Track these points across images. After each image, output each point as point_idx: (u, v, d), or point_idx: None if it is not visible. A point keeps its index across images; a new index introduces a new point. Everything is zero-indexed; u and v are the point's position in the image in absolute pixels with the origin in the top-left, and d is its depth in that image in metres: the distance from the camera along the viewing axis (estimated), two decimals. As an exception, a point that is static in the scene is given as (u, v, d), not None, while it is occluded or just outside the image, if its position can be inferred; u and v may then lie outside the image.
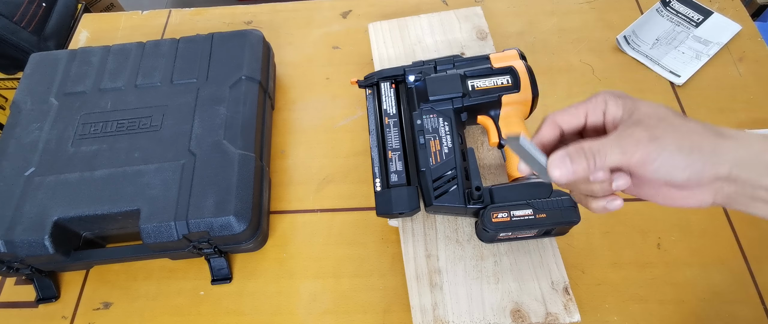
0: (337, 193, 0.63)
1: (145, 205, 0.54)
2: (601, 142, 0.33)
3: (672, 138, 0.32)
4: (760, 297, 0.53)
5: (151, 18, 0.84)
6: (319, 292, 0.57)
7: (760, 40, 0.71)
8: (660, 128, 0.32)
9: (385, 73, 0.60)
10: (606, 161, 0.33)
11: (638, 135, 0.32)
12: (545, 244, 0.54)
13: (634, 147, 0.32)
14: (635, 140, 0.32)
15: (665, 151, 0.31)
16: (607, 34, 0.74)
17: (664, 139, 0.32)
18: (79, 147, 0.59)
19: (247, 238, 0.56)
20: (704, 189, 0.33)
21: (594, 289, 0.54)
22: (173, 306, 0.57)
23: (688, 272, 0.55)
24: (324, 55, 0.76)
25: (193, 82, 0.64)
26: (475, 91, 0.55)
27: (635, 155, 0.32)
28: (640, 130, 0.32)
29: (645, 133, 0.32)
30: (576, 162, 0.33)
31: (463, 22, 0.72)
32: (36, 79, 0.66)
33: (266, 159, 0.64)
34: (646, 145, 0.32)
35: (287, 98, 0.73)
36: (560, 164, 0.33)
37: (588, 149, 0.33)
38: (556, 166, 0.33)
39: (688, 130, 0.32)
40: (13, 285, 0.61)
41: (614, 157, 0.32)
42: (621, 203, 0.35)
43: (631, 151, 0.32)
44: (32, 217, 0.54)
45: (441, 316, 0.50)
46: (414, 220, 0.56)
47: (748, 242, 0.56)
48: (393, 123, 0.57)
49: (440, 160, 0.53)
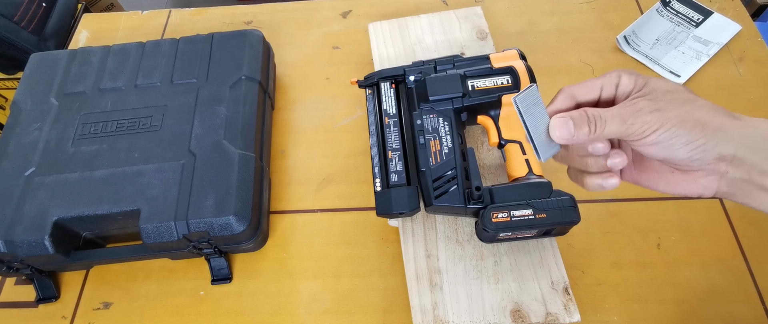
0: (337, 193, 0.63)
1: (145, 205, 0.54)
2: (605, 110, 0.33)
3: (676, 111, 0.31)
4: (760, 297, 0.53)
5: (151, 18, 0.84)
6: (319, 292, 0.57)
7: (760, 40, 0.71)
8: (664, 101, 0.32)
9: (385, 73, 0.60)
10: (606, 129, 0.32)
11: (640, 105, 0.32)
12: (545, 244, 0.54)
13: (633, 116, 0.31)
14: (636, 109, 0.32)
15: (667, 122, 0.31)
16: (607, 34, 0.74)
17: (666, 111, 0.31)
18: (79, 147, 0.59)
19: (247, 238, 0.56)
20: (708, 173, 0.32)
21: (594, 289, 0.54)
22: (173, 306, 0.57)
23: (688, 272, 0.55)
24: (324, 55, 0.76)
25: (193, 82, 0.64)
26: (475, 91, 0.55)
27: (634, 125, 0.31)
28: (643, 102, 0.32)
29: (648, 104, 0.32)
30: (578, 125, 0.33)
31: (463, 22, 0.72)
32: (36, 79, 0.66)
33: (266, 159, 0.64)
34: (646, 114, 0.31)
35: (287, 98, 0.73)
36: (561, 126, 0.33)
37: (591, 115, 0.33)
38: (557, 127, 0.33)
39: (695, 106, 0.31)
40: (13, 285, 0.60)
41: (614, 126, 0.32)
42: (617, 181, 0.35)
43: (631, 120, 0.31)
44: (32, 217, 0.54)
45: (441, 316, 0.50)
46: (414, 220, 0.56)
47: (748, 242, 0.56)
48: (393, 123, 0.57)
49: (440, 160, 0.53)
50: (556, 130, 0.33)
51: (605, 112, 0.32)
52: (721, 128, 0.31)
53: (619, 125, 0.32)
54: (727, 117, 0.31)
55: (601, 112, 0.33)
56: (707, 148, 0.31)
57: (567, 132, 0.33)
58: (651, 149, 0.32)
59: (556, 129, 0.33)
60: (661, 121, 0.31)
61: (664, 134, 0.31)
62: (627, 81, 0.34)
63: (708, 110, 0.31)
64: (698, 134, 0.31)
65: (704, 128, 0.31)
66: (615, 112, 0.32)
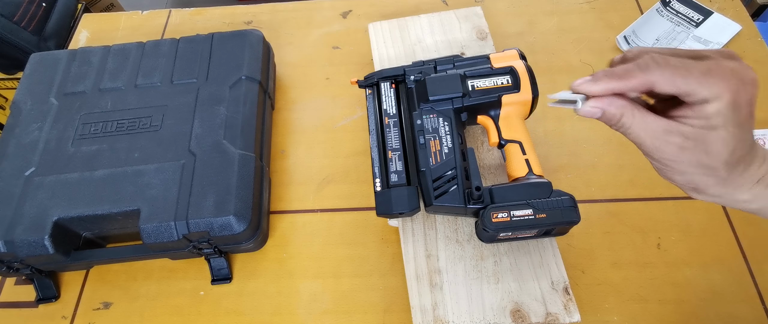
0: (337, 193, 0.63)
1: (145, 205, 0.54)
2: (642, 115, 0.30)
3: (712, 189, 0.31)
4: (760, 297, 0.53)
5: (151, 18, 0.84)
6: (319, 292, 0.57)
7: (760, 40, 0.71)
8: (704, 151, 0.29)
9: (385, 73, 0.60)
10: (629, 131, 0.31)
11: (679, 141, 0.30)
12: (545, 244, 0.54)
13: (665, 144, 0.30)
14: (672, 141, 0.30)
15: (689, 169, 0.30)
16: (607, 34, 0.74)
17: (706, 189, 0.31)
18: (79, 147, 0.59)
19: (247, 238, 0.56)
20: None
21: (594, 289, 0.54)
22: (173, 306, 0.57)
23: (688, 272, 0.55)
24: (324, 55, 0.76)
25: (193, 82, 0.64)
26: (475, 91, 0.55)
27: (661, 150, 0.30)
28: (685, 140, 0.29)
29: (689, 144, 0.29)
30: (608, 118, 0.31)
31: (463, 22, 0.72)
32: (36, 79, 0.66)
33: (266, 159, 0.64)
34: (677, 150, 0.30)
35: (287, 98, 0.73)
36: (590, 113, 0.31)
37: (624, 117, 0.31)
38: (587, 113, 0.32)
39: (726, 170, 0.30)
40: (13, 285, 0.60)
41: (638, 133, 0.30)
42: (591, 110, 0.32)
43: (659, 144, 0.30)
44: (32, 217, 0.54)
45: (441, 316, 0.50)
46: (414, 220, 0.56)
47: (748, 242, 0.56)
48: (393, 123, 0.57)
49: (440, 160, 0.53)
50: (585, 112, 0.32)
51: (650, 121, 0.30)
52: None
53: (644, 137, 0.30)
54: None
55: (637, 119, 0.30)
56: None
57: (594, 115, 0.32)
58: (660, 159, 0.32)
59: (586, 113, 0.32)
60: (685, 165, 0.30)
61: (677, 177, 0.31)
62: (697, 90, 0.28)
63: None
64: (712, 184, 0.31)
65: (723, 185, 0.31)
66: (664, 127, 0.30)
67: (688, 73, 0.27)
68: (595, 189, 0.60)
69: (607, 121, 0.31)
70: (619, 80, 0.29)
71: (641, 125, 0.30)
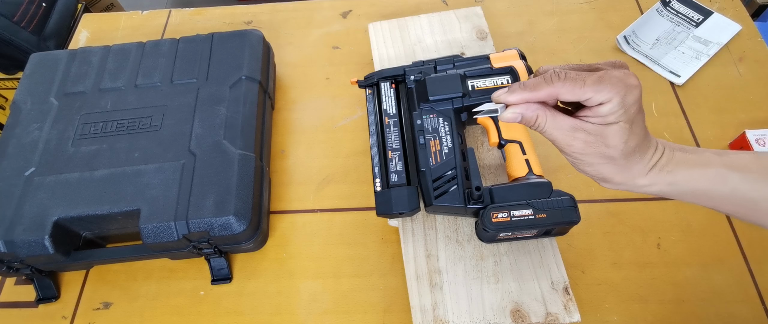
0: (337, 193, 0.63)
1: (145, 205, 0.54)
2: (561, 118, 0.35)
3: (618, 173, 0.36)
4: (760, 297, 0.53)
5: (151, 18, 0.84)
6: (319, 292, 0.57)
7: (760, 40, 0.71)
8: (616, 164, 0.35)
9: (385, 73, 0.60)
10: (544, 128, 0.36)
11: (595, 146, 0.35)
12: (545, 244, 0.54)
13: (577, 142, 0.35)
14: (588, 144, 0.35)
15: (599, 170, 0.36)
16: (607, 34, 0.74)
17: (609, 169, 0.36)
18: (79, 147, 0.59)
19: (247, 238, 0.56)
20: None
21: (594, 289, 0.54)
22: (173, 306, 0.57)
23: (688, 272, 0.55)
24: (324, 55, 0.76)
25: (193, 82, 0.64)
26: (475, 91, 0.55)
27: (572, 146, 0.35)
28: (601, 145, 0.35)
29: (603, 149, 0.35)
30: (527, 121, 0.36)
31: (463, 22, 0.72)
32: (36, 79, 0.66)
33: (266, 159, 0.64)
34: (591, 155, 0.35)
35: (287, 98, 0.73)
36: (511, 118, 0.36)
37: (540, 117, 0.36)
38: (508, 118, 0.36)
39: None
40: (13, 285, 0.61)
41: (553, 132, 0.35)
42: (514, 117, 0.36)
43: (571, 142, 0.35)
44: (32, 217, 0.54)
45: (441, 316, 0.50)
46: (414, 220, 0.56)
47: (748, 242, 0.56)
48: (393, 123, 0.57)
49: (440, 160, 0.53)
50: (507, 117, 0.36)
51: (560, 121, 0.35)
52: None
53: (557, 134, 0.35)
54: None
55: (550, 120, 0.35)
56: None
57: (514, 119, 0.36)
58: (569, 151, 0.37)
59: (508, 118, 0.36)
60: (592, 157, 0.35)
61: (588, 168, 0.37)
62: (612, 109, 0.33)
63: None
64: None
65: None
66: (571, 125, 0.35)
67: (584, 83, 0.33)
68: (595, 189, 0.60)
69: (526, 122, 0.36)
70: (531, 91, 0.35)
71: (554, 125, 0.35)
